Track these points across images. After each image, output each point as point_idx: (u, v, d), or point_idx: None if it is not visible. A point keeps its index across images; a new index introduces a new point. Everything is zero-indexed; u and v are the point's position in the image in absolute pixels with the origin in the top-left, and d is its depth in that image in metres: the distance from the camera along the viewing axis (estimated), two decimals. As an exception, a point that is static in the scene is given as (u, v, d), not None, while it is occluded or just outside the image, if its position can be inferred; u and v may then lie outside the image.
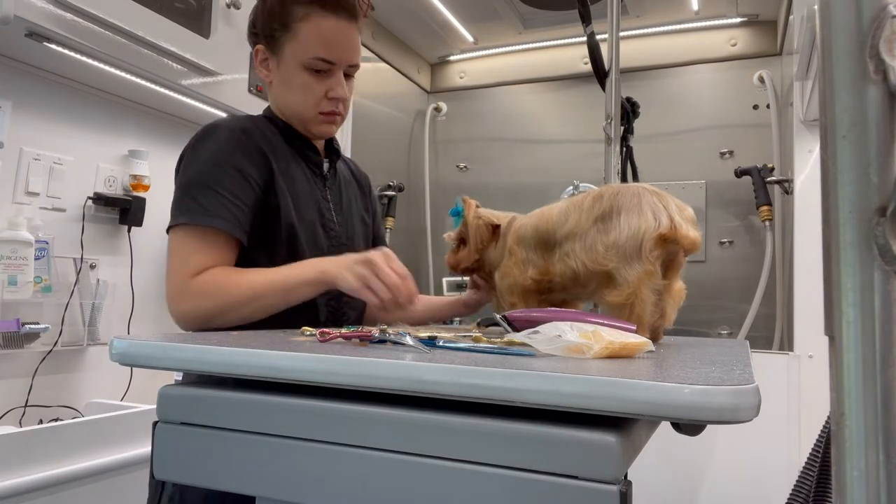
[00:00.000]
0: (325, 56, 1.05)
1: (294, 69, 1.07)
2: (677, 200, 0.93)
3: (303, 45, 1.04)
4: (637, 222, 0.89)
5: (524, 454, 0.53)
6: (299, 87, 1.07)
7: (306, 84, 1.07)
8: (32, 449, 1.21)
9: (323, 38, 1.04)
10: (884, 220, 0.36)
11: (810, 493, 1.33)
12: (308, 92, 1.07)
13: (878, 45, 0.36)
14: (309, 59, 1.05)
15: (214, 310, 0.95)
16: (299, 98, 1.08)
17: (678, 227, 0.88)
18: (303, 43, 1.04)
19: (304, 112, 1.10)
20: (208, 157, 1.01)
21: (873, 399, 0.37)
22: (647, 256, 0.87)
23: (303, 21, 1.04)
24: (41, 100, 1.65)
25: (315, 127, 1.12)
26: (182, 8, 1.73)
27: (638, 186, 0.94)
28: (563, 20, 2.70)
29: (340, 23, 1.06)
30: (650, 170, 2.42)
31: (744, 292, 2.46)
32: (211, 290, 0.95)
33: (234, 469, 0.65)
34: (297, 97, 1.09)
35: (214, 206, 0.97)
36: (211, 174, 1.00)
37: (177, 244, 0.99)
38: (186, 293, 0.96)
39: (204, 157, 1.02)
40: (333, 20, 1.05)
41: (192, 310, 0.96)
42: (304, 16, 1.04)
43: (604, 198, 0.94)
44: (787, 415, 1.81)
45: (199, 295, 0.96)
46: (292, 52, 1.06)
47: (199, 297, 0.95)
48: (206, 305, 0.95)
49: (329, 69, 1.07)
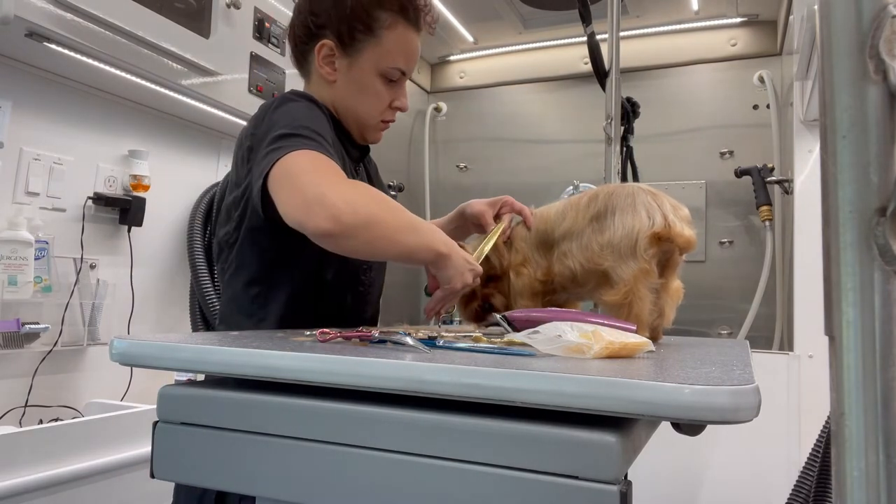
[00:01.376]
0: (404, 66, 1.06)
1: (370, 74, 1.05)
2: (672, 199, 0.93)
3: (386, 52, 1.04)
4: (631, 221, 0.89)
5: (524, 454, 0.53)
6: (372, 94, 1.07)
7: (378, 91, 1.07)
8: (32, 449, 1.21)
9: (405, 48, 1.05)
10: (884, 220, 0.36)
11: (810, 493, 1.33)
12: (378, 99, 1.07)
13: (878, 45, 0.36)
14: (388, 68, 1.05)
15: (377, 217, 0.84)
16: (369, 103, 1.07)
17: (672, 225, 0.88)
18: (386, 50, 1.04)
19: (369, 118, 1.09)
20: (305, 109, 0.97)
21: (873, 399, 0.37)
22: (642, 255, 0.88)
23: (389, 29, 1.03)
24: (41, 100, 1.65)
25: (371, 133, 1.11)
26: (182, 8, 1.73)
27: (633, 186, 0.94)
28: (563, 20, 2.70)
29: (417, 35, 1.07)
30: (650, 170, 2.42)
31: (744, 292, 2.46)
32: (373, 193, 0.88)
33: (234, 469, 0.65)
34: (366, 102, 1.07)
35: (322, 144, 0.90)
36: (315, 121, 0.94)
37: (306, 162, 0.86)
38: (337, 184, 0.84)
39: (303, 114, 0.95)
40: (414, 33, 1.06)
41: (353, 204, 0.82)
42: (391, 24, 1.03)
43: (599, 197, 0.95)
44: (787, 415, 1.81)
45: (361, 194, 0.86)
46: (373, 57, 1.04)
47: (362, 196, 0.85)
48: (372, 207, 0.85)
49: (399, 79, 1.08)
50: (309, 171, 0.84)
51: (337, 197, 0.81)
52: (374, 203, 0.86)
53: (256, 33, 2.03)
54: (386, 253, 0.91)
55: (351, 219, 0.81)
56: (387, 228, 0.85)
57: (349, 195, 0.83)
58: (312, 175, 0.84)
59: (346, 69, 1.06)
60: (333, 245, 0.84)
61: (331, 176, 0.85)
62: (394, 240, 0.87)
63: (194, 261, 2.03)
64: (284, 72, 2.15)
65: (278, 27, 2.13)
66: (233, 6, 1.89)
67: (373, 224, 0.84)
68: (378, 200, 0.87)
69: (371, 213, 0.84)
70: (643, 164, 2.05)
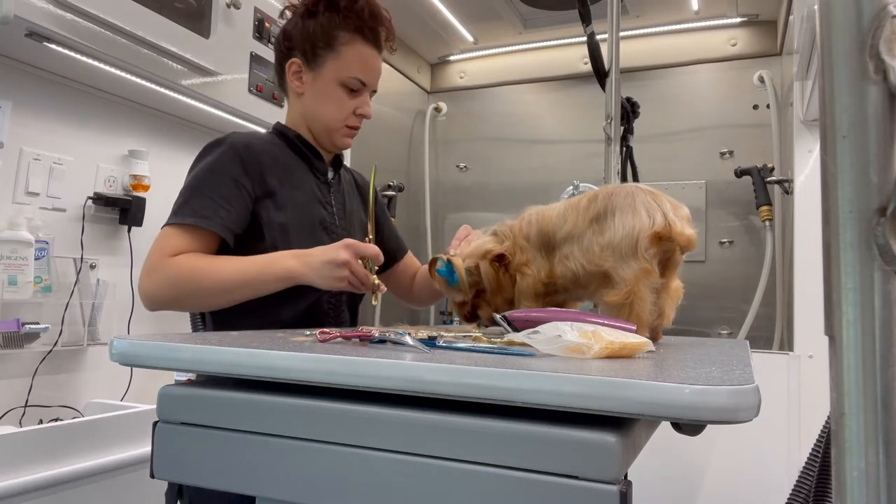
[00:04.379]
0: (362, 77, 1.21)
1: (332, 84, 1.21)
2: (672, 199, 0.93)
3: (345, 64, 1.19)
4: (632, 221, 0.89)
5: (524, 454, 0.53)
6: (334, 101, 1.21)
7: (340, 99, 1.21)
8: (32, 449, 1.21)
9: (362, 62, 1.20)
10: (884, 220, 0.36)
11: (810, 493, 1.33)
12: (340, 106, 1.22)
13: (878, 45, 0.36)
14: (347, 77, 1.20)
15: (182, 293, 1.03)
16: (332, 110, 1.22)
17: (672, 224, 0.88)
18: (345, 62, 1.19)
19: (333, 123, 1.23)
20: (206, 167, 1.12)
21: (873, 399, 0.37)
22: (643, 255, 0.88)
23: (347, 45, 1.19)
24: (41, 100, 1.65)
25: (339, 139, 1.25)
26: (182, 8, 1.73)
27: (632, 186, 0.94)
28: (563, 20, 2.70)
29: (374, 52, 1.22)
30: (650, 170, 2.42)
31: (744, 292, 2.46)
32: (182, 272, 1.02)
33: (234, 469, 0.65)
34: (330, 109, 1.22)
35: (203, 208, 1.07)
36: (206, 181, 1.10)
37: (161, 237, 1.08)
38: (159, 270, 1.03)
39: (203, 167, 1.13)
40: (370, 49, 1.21)
41: (158, 288, 1.03)
42: (348, 40, 1.19)
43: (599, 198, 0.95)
44: (787, 415, 1.81)
45: (170, 276, 1.02)
46: (333, 69, 1.20)
47: (170, 278, 1.02)
48: (175, 287, 1.03)
49: (360, 89, 1.22)
50: (158, 242, 1.07)
51: (146, 285, 1.04)
52: (175, 285, 1.02)
53: (256, 33, 2.03)
54: (220, 306, 1.08)
55: (151, 300, 1.04)
56: (194, 300, 1.05)
57: (153, 283, 1.03)
58: (156, 246, 1.06)
59: (311, 82, 1.22)
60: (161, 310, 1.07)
61: (163, 261, 1.03)
62: (214, 302, 1.06)
63: (194, 261, 2.03)
64: (284, 72, 2.15)
65: (278, 27, 2.13)
66: (233, 6, 1.89)
67: (173, 301, 1.04)
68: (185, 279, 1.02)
69: (167, 298, 1.04)
70: (643, 164, 2.05)
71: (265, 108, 2.08)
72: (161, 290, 1.03)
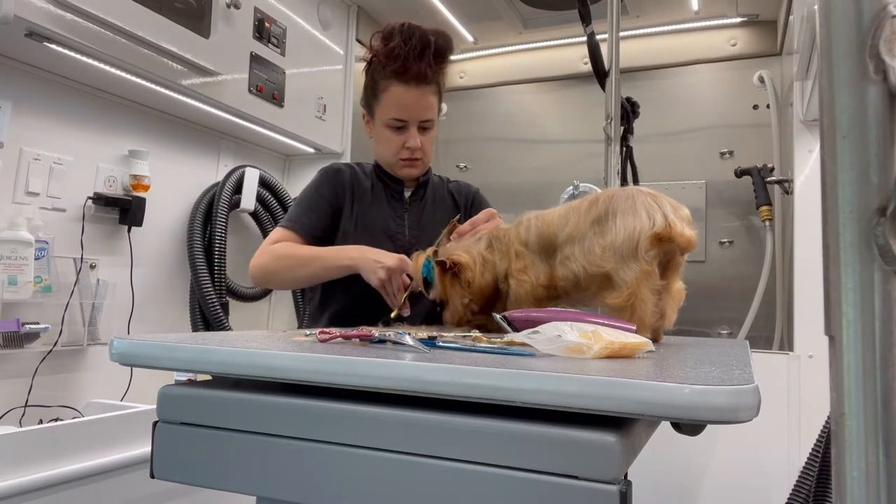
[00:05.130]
0: (400, 116, 1.38)
1: (380, 127, 1.41)
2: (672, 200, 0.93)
3: (384, 109, 1.38)
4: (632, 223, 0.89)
5: (524, 454, 0.53)
6: (384, 141, 1.42)
7: (388, 138, 1.41)
8: (32, 449, 1.21)
9: (397, 103, 1.37)
10: (884, 220, 0.36)
11: (810, 493, 1.33)
12: (390, 144, 1.41)
13: (878, 45, 0.36)
14: (387, 119, 1.38)
15: (275, 268, 1.34)
16: (384, 149, 1.43)
17: (673, 225, 0.88)
18: (384, 107, 1.38)
19: (388, 159, 1.44)
20: (308, 185, 1.46)
21: (873, 399, 0.37)
22: (644, 256, 0.88)
23: (384, 91, 1.37)
24: (41, 100, 1.65)
25: (398, 170, 1.45)
26: (182, 8, 1.73)
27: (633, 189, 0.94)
28: (563, 20, 2.70)
29: (411, 90, 1.36)
30: (650, 170, 2.42)
31: (744, 292, 2.46)
32: (277, 252, 1.34)
33: (234, 469, 0.65)
34: (383, 148, 1.44)
35: (297, 216, 1.41)
36: (303, 195, 1.44)
37: (271, 233, 1.41)
38: (262, 252, 1.36)
39: (307, 185, 1.47)
40: (405, 88, 1.35)
41: (262, 265, 1.34)
42: (385, 87, 1.37)
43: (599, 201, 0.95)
44: (787, 415, 1.80)
45: (268, 254, 1.35)
46: (379, 114, 1.40)
47: (268, 256, 1.34)
48: (271, 263, 1.34)
49: (403, 126, 1.39)
50: (266, 243, 1.39)
51: (253, 263, 1.36)
52: (274, 261, 1.34)
53: (256, 33, 2.03)
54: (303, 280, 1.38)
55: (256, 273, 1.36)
56: (285, 273, 1.34)
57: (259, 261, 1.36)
58: (263, 246, 1.38)
59: (372, 128, 1.46)
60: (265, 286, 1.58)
61: (267, 247, 1.36)
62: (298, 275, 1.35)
63: (194, 261, 2.03)
64: (284, 72, 2.15)
65: (278, 27, 2.13)
66: (233, 6, 1.89)
67: (272, 273, 1.35)
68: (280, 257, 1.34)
69: (268, 270, 1.35)
70: (643, 164, 2.05)
71: (265, 108, 2.08)
72: (261, 265, 1.34)
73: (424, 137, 1.42)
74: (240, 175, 2.17)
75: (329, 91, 2.44)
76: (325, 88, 2.41)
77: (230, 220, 2.11)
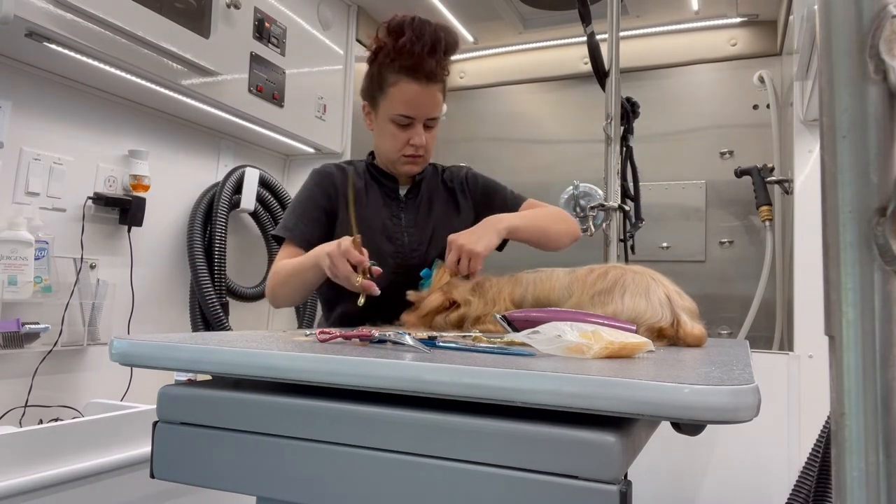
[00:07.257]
0: (407, 113, 1.35)
1: (385, 121, 1.38)
2: (676, 287, 0.95)
3: (391, 103, 1.35)
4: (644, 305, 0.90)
5: (524, 454, 0.53)
6: (389, 136, 1.39)
7: (393, 133, 1.38)
8: (32, 449, 1.21)
9: (405, 99, 1.33)
10: (884, 220, 0.36)
11: (810, 493, 1.33)
12: (394, 139, 1.38)
13: (878, 45, 0.36)
14: (395, 115, 1.35)
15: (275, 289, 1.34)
16: (388, 144, 1.40)
17: (683, 325, 0.90)
18: (391, 102, 1.35)
19: (391, 154, 1.41)
20: (299, 191, 1.46)
21: (873, 399, 0.37)
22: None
23: (392, 86, 1.34)
24: (41, 100, 1.65)
25: (400, 167, 1.42)
26: (182, 8, 1.73)
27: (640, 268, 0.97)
28: (563, 20, 2.70)
29: (421, 87, 1.33)
30: (650, 170, 2.42)
31: (744, 292, 2.46)
32: (274, 271, 1.36)
33: (234, 469, 0.65)
34: (387, 143, 1.40)
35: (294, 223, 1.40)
36: (297, 201, 1.44)
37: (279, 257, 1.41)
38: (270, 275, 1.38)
39: (298, 191, 1.46)
40: (416, 85, 1.32)
41: (269, 288, 1.37)
42: (394, 82, 1.33)
43: (608, 276, 0.96)
44: (787, 415, 1.80)
45: (271, 276, 1.37)
46: (384, 108, 1.37)
47: (270, 279, 1.36)
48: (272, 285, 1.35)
49: (409, 122, 1.36)
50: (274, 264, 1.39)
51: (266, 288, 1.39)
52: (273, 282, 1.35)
53: (256, 33, 2.03)
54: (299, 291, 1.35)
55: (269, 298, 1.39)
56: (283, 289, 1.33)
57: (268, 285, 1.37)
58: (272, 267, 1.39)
59: (374, 121, 1.43)
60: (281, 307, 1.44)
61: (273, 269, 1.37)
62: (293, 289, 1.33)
63: (194, 261, 2.03)
64: (284, 72, 2.15)
65: (278, 27, 2.13)
66: (233, 6, 1.89)
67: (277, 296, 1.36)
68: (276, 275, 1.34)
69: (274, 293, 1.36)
70: (643, 164, 2.05)
71: (265, 108, 2.08)
72: (269, 288, 1.36)
73: (428, 135, 1.40)
74: (240, 175, 2.17)
75: (329, 91, 2.44)
76: (325, 88, 2.41)
77: (230, 219, 2.11)
